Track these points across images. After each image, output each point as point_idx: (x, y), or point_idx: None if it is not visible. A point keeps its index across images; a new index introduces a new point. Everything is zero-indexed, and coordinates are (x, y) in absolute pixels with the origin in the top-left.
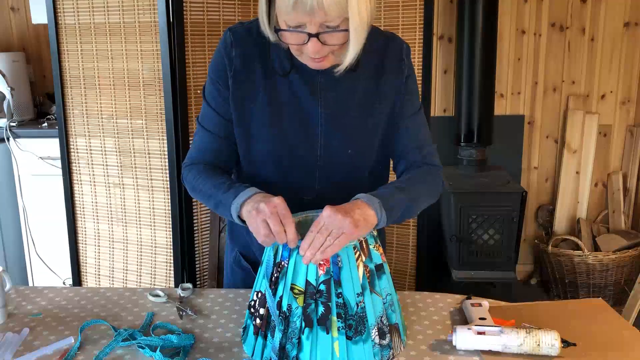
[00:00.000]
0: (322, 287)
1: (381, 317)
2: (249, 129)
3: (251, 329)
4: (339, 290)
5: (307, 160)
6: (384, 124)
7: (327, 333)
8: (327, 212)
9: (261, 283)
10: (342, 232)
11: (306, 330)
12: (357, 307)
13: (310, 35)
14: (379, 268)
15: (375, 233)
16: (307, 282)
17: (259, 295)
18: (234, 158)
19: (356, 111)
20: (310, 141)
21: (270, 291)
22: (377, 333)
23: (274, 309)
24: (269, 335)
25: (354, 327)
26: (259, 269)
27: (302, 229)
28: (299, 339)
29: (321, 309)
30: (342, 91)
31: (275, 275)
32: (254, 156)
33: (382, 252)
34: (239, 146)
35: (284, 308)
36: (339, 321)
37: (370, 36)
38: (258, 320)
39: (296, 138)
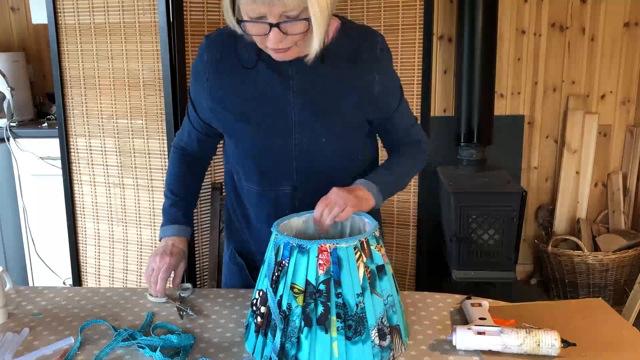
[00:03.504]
0: (322, 286)
1: (381, 318)
2: (225, 123)
3: (253, 327)
4: (339, 290)
5: (283, 151)
6: (361, 112)
7: (326, 333)
8: (334, 190)
9: (263, 281)
10: (347, 205)
11: (305, 329)
12: (357, 308)
13: (271, 26)
14: (381, 269)
15: (377, 234)
16: (307, 282)
17: (261, 293)
18: (214, 148)
19: (329, 100)
20: (285, 132)
21: (272, 290)
22: (377, 334)
23: (275, 307)
24: (269, 333)
25: (354, 327)
26: (262, 267)
27: (307, 228)
28: (298, 338)
29: (320, 308)
30: (314, 81)
31: (276, 274)
32: (233, 149)
33: (384, 253)
34: (224, 139)
35: (284, 307)
36: (338, 321)
37: (343, 27)
38: (259, 319)
39: (271, 129)
